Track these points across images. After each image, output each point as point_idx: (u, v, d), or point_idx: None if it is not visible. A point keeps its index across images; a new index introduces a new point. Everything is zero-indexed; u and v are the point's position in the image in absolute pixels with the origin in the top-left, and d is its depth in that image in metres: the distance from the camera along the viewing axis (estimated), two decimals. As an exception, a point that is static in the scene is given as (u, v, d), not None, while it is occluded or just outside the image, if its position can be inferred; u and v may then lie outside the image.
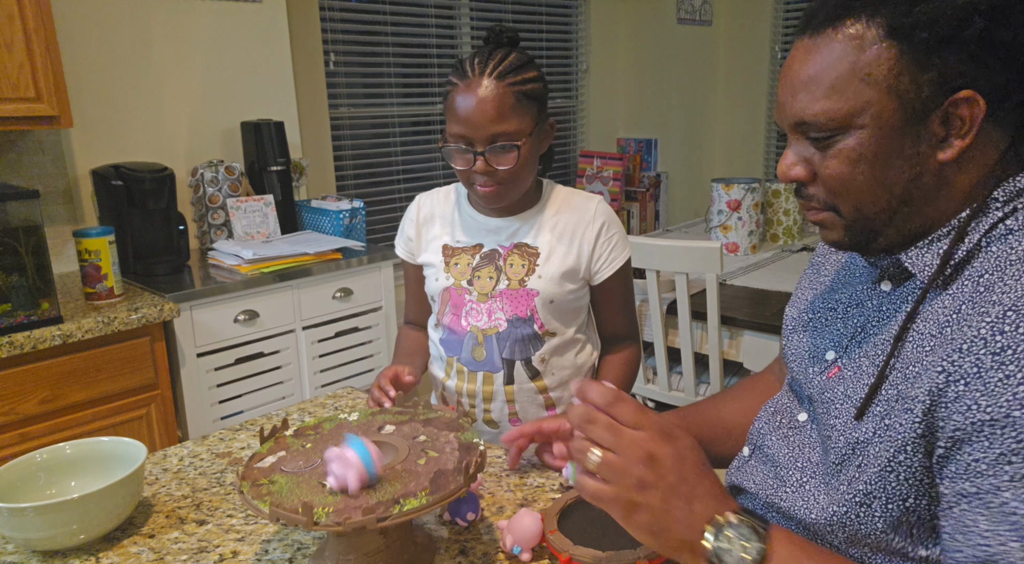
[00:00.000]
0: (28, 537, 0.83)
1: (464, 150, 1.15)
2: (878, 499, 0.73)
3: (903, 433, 0.70)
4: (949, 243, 0.72)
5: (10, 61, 1.76)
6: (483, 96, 1.11)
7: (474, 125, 1.12)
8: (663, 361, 2.08)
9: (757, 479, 0.90)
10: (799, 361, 0.90)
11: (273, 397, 2.13)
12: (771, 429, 0.91)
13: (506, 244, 1.26)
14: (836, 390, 0.80)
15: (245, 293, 2.01)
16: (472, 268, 1.26)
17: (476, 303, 1.26)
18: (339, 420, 0.91)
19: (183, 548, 0.86)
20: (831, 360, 0.84)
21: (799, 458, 0.84)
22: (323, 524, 0.69)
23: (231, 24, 2.41)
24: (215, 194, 2.32)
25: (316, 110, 2.79)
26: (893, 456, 0.71)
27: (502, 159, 1.14)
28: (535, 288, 1.23)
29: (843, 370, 0.80)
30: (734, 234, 2.54)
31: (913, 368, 0.71)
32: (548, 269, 1.24)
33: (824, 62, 0.72)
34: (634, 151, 4.06)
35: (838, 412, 0.78)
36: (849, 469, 0.75)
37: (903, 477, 0.71)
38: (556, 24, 3.76)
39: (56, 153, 2.11)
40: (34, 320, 1.64)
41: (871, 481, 0.73)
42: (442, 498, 0.72)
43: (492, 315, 1.25)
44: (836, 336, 0.85)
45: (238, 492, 0.75)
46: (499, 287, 1.24)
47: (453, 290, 1.27)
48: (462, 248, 1.28)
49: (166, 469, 1.06)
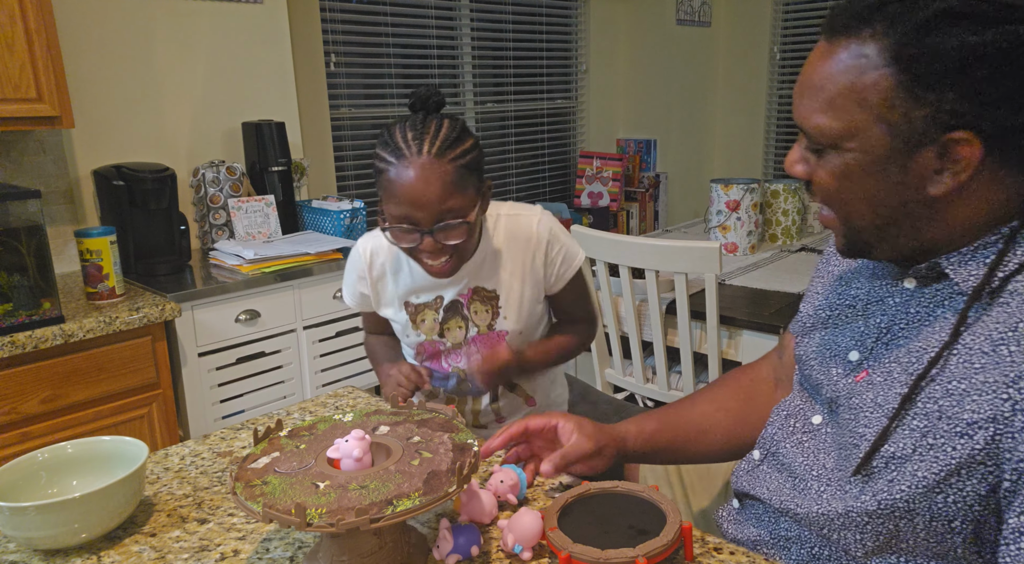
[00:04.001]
0: (30, 536, 0.83)
1: (409, 230, 1.09)
2: (922, 516, 0.71)
3: (958, 457, 0.67)
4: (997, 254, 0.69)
5: (11, 61, 1.76)
6: (425, 176, 1.05)
7: (419, 206, 1.06)
8: (662, 361, 2.08)
9: (772, 486, 0.88)
10: (819, 360, 0.87)
11: (274, 396, 2.13)
12: (785, 435, 0.89)
13: (465, 292, 1.26)
14: (865, 396, 0.77)
15: (246, 293, 2.02)
16: (439, 322, 1.28)
17: (452, 350, 1.30)
18: (333, 421, 0.92)
19: (184, 547, 0.87)
20: (856, 361, 0.81)
21: (815, 465, 0.83)
22: (316, 525, 0.69)
23: (232, 25, 2.42)
24: (216, 194, 2.33)
25: (317, 110, 2.79)
26: (944, 479, 0.68)
27: (451, 235, 1.09)
28: (503, 329, 1.27)
29: (872, 374, 0.77)
30: (733, 234, 2.54)
31: (959, 384, 0.68)
32: (510, 309, 1.26)
33: (830, 72, 0.71)
34: (633, 151, 4.06)
35: (868, 421, 0.75)
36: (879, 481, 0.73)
37: (952, 499, 0.69)
38: (556, 24, 3.77)
39: (57, 153, 2.12)
40: (36, 320, 1.65)
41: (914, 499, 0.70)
42: (436, 499, 0.72)
43: (471, 357, 1.29)
44: (858, 335, 0.82)
45: (231, 493, 0.76)
46: (470, 334, 1.28)
47: (427, 344, 1.31)
48: (424, 304, 1.28)
49: (167, 468, 1.07)
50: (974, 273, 0.71)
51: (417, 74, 3.20)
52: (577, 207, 3.85)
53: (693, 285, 2.10)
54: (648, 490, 0.86)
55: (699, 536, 0.85)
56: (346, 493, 0.73)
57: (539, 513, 0.83)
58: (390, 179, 1.08)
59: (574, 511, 0.85)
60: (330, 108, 2.85)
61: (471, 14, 3.36)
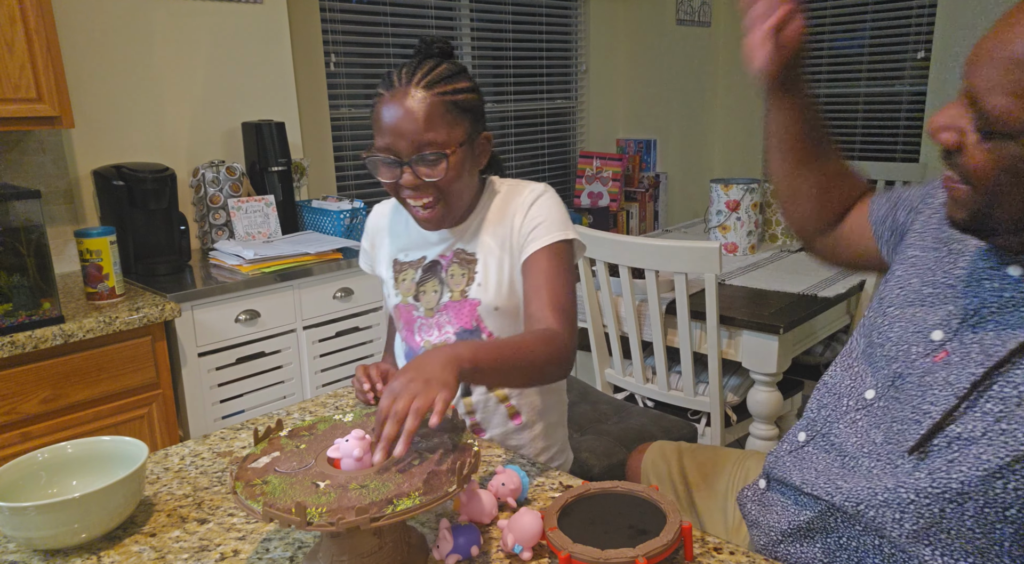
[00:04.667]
0: (30, 536, 0.84)
1: (390, 162, 1.09)
2: (975, 501, 0.69)
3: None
4: None
5: (11, 62, 1.76)
6: (409, 105, 1.05)
7: (399, 134, 1.06)
8: (662, 361, 2.08)
9: (819, 467, 0.86)
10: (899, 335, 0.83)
11: (274, 396, 2.13)
12: (838, 415, 0.86)
13: (447, 254, 1.21)
14: (938, 375, 0.74)
15: (246, 293, 2.02)
16: (416, 283, 1.22)
17: (424, 318, 1.21)
18: (334, 421, 0.92)
19: (184, 547, 0.87)
20: (938, 341, 0.78)
21: (865, 443, 0.80)
22: (316, 524, 0.69)
23: (232, 25, 2.42)
24: (216, 194, 2.33)
25: (317, 110, 2.79)
26: (1009, 464, 0.66)
27: (429, 170, 1.07)
28: (476, 297, 1.17)
29: (951, 355, 0.75)
30: (733, 234, 2.54)
31: None
32: (487, 275, 1.17)
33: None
34: (633, 151, 4.07)
35: (935, 399, 0.73)
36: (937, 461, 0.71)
37: (1012, 485, 0.67)
38: (556, 24, 3.77)
39: (57, 153, 2.12)
40: (35, 320, 1.65)
41: (971, 482, 0.68)
42: (436, 499, 0.72)
43: (441, 329, 1.20)
44: (945, 315, 0.78)
45: (231, 492, 0.76)
46: (443, 300, 1.19)
47: (402, 307, 1.24)
48: (409, 263, 1.24)
49: (167, 468, 1.07)
50: None
51: (417, 74, 3.20)
52: (577, 207, 3.85)
53: (693, 285, 2.10)
54: (648, 490, 0.86)
55: (699, 536, 0.85)
56: (346, 493, 0.74)
57: (539, 513, 0.83)
58: (378, 110, 1.09)
59: (574, 511, 0.85)
60: (330, 108, 2.85)
61: (471, 14, 3.36)
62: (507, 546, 0.82)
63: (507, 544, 0.82)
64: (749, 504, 0.98)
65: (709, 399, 2.04)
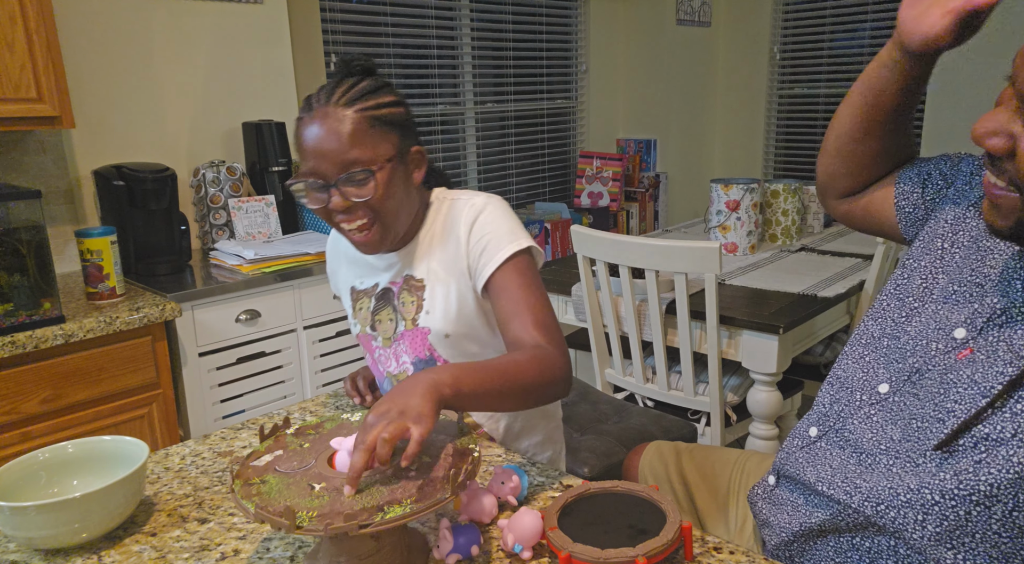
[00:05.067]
0: (30, 536, 0.84)
1: (317, 186, 1.03)
2: (1003, 504, 0.68)
3: None
4: None
5: (12, 62, 1.76)
6: (330, 125, 1.01)
7: (323, 156, 1.01)
8: (662, 361, 2.08)
9: (834, 463, 0.85)
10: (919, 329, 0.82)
11: (274, 396, 2.13)
12: (852, 410, 0.85)
13: (397, 280, 1.16)
14: (962, 372, 0.73)
15: (246, 293, 2.02)
16: (371, 312, 1.19)
17: (383, 349, 1.18)
18: (341, 420, 0.92)
19: (185, 546, 0.87)
20: (960, 339, 0.77)
21: (882, 439, 0.79)
22: (306, 528, 0.69)
23: (232, 25, 2.42)
24: (216, 194, 2.33)
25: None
26: None
27: (358, 190, 1.02)
28: (425, 325, 1.12)
29: (975, 353, 0.73)
30: (733, 234, 2.54)
31: None
32: (434, 302, 1.12)
33: None
34: (633, 151, 4.07)
35: (959, 397, 0.72)
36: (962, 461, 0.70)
37: None
38: (556, 24, 3.77)
39: (58, 153, 2.12)
40: (36, 320, 1.65)
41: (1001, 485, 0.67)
42: (427, 507, 0.72)
43: (399, 359, 1.17)
44: (970, 313, 0.77)
45: (230, 490, 0.76)
46: (399, 329, 1.15)
47: (362, 337, 1.22)
48: (364, 291, 1.21)
49: (168, 468, 1.07)
50: None
51: (417, 74, 3.21)
52: (577, 207, 3.85)
53: (693, 285, 2.10)
54: (648, 490, 0.86)
55: (699, 536, 0.85)
56: (339, 496, 0.73)
57: (539, 513, 0.83)
58: (299, 134, 1.04)
59: (574, 511, 0.85)
60: (330, 108, 2.85)
61: (471, 14, 3.36)
62: (507, 546, 0.82)
63: (507, 544, 0.82)
64: (760, 502, 0.97)
65: (709, 399, 2.05)
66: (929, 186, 0.96)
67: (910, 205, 0.97)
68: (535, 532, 0.81)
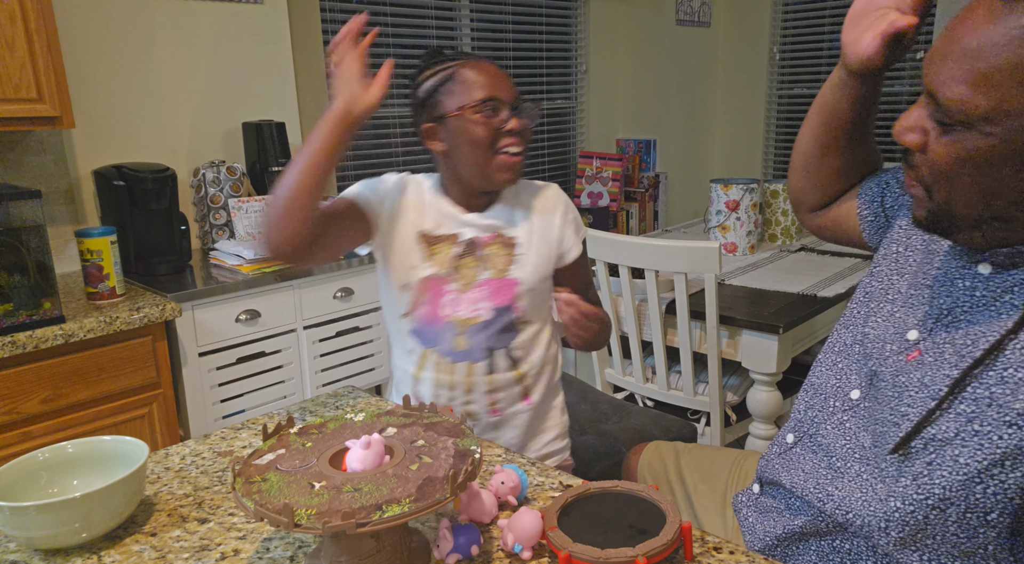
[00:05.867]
0: (30, 536, 0.84)
1: (499, 107, 1.17)
2: (956, 507, 0.69)
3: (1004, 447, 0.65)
4: None
5: (12, 62, 1.76)
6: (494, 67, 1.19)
7: (503, 86, 1.17)
8: (662, 360, 2.08)
9: (807, 468, 0.86)
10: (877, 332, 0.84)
11: (274, 396, 2.13)
12: (825, 416, 0.87)
13: (484, 235, 1.25)
14: (912, 375, 0.74)
15: (246, 293, 2.02)
16: (452, 257, 1.23)
17: (457, 293, 1.23)
18: (344, 420, 0.92)
19: (185, 546, 0.87)
20: (912, 341, 0.78)
21: (855, 446, 0.80)
22: (304, 526, 0.69)
23: (232, 25, 2.42)
24: (217, 194, 2.33)
25: (317, 111, 2.79)
26: (987, 468, 0.66)
27: (531, 114, 1.20)
28: (517, 277, 1.24)
29: (924, 355, 0.75)
30: (732, 234, 2.54)
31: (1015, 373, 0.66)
32: (528, 258, 1.25)
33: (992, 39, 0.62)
34: (633, 151, 4.07)
35: (911, 400, 0.73)
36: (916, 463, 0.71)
37: (991, 490, 0.67)
38: (556, 24, 3.77)
39: (58, 153, 2.12)
40: (36, 320, 1.65)
41: (952, 487, 0.68)
42: (426, 506, 0.72)
43: (475, 304, 1.23)
44: (921, 315, 0.79)
45: (231, 487, 0.76)
46: (482, 276, 1.23)
47: (433, 279, 1.23)
48: (441, 237, 1.25)
49: (168, 468, 1.07)
50: None
51: (417, 74, 3.21)
52: (577, 207, 3.85)
53: (693, 285, 2.10)
54: (648, 490, 0.86)
55: (699, 536, 0.85)
56: (339, 495, 0.73)
57: (539, 513, 0.83)
58: (466, 72, 1.18)
59: (574, 511, 0.85)
60: (330, 108, 2.85)
61: (471, 14, 3.36)
62: (507, 545, 0.82)
63: (507, 544, 0.82)
64: (744, 509, 0.98)
65: (709, 399, 2.05)
66: (888, 195, 0.98)
67: (871, 214, 0.99)
68: (535, 532, 0.81)
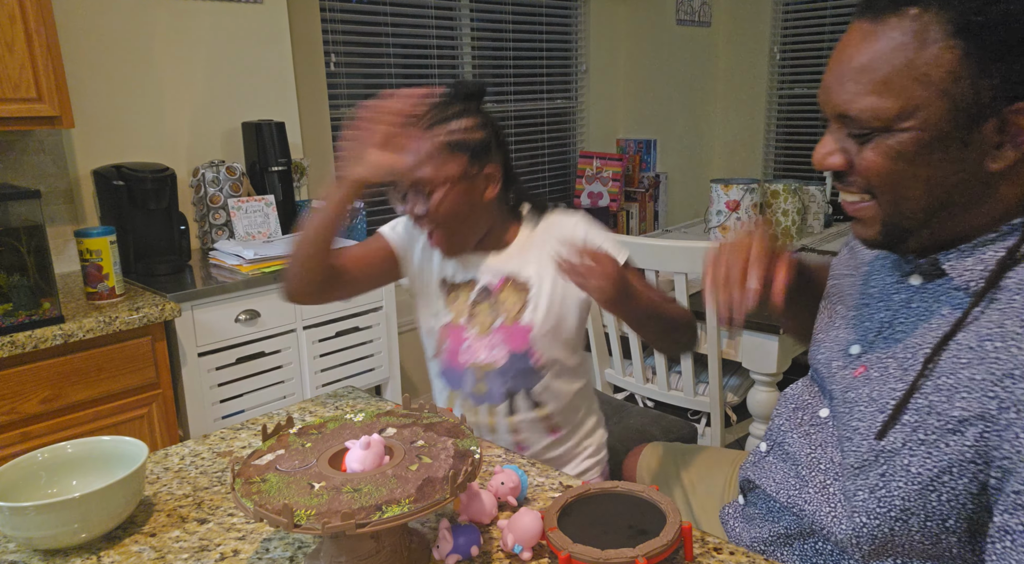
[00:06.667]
0: (30, 536, 0.83)
1: (398, 195, 1.22)
2: (916, 516, 0.70)
3: (950, 454, 0.67)
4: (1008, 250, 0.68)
5: (11, 61, 1.76)
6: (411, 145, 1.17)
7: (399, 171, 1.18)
8: (662, 361, 2.08)
9: (777, 477, 0.88)
10: (826, 353, 0.87)
11: (274, 396, 2.13)
12: (792, 426, 0.89)
13: (496, 281, 1.27)
14: (861, 391, 0.77)
15: (246, 293, 2.02)
16: (469, 304, 1.28)
17: (475, 339, 1.27)
18: (344, 420, 0.92)
19: (184, 547, 0.87)
20: (855, 355, 0.81)
21: (821, 458, 0.82)
22: (304, 527, 0.69)
23: (232, 25, 2.41)
24: (216, 194, 2.33)
25: (317, 110, 2.79)
26: (937, 476, 0.68)
27: (419, 204, 1.19)
28: (529, 322, 1.24)
29: (869, 369, 0.78)
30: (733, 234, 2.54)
31: (947, 380, 0.68)
32: (541, 301, 1.24)
33: (879, 52, 0.68)
34: (633, 152, 4.07)
35: (861, 415, 0.75)
36: (871, 476, 0.73)
37: (945, 498, 0.68)
38: (556, 24, 3.77)
39: (57, 153, 2.12)
40: (35, 320, 1.65)
41: (909, 497, 0.70)
42: (426, 507, 0.72)
43: (491, 350, 1.26)
44: (863, 330, 0.82)
45: (230, 487, 0.76)
46: (497, 323, 1.26)
47: (452, 327, 1.29)
48: (460, 284, 1.30)
49: (167, 468, 1.07)
50: (969, 269, 0.71)
51: (417, 74, 3.20)
52: (577, 207, 3.85)
53: (693, 285, 2.10)
54: (648, 490, 0.86)
55: (699, 536, 0.85)
56: (339, 495, 0.73)
57: (539, 513, 0.83)
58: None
59: (574, 511, 0.85)
60: (330, 108, 2.85)
61: (471, 14, 3.36)
62: (507, 546, 0.82)
63: (507, 544, 0.82)
64: (732, 521, 0.98)
65: (709, 399, 2.04)
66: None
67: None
68: (535, 532, 0.81)
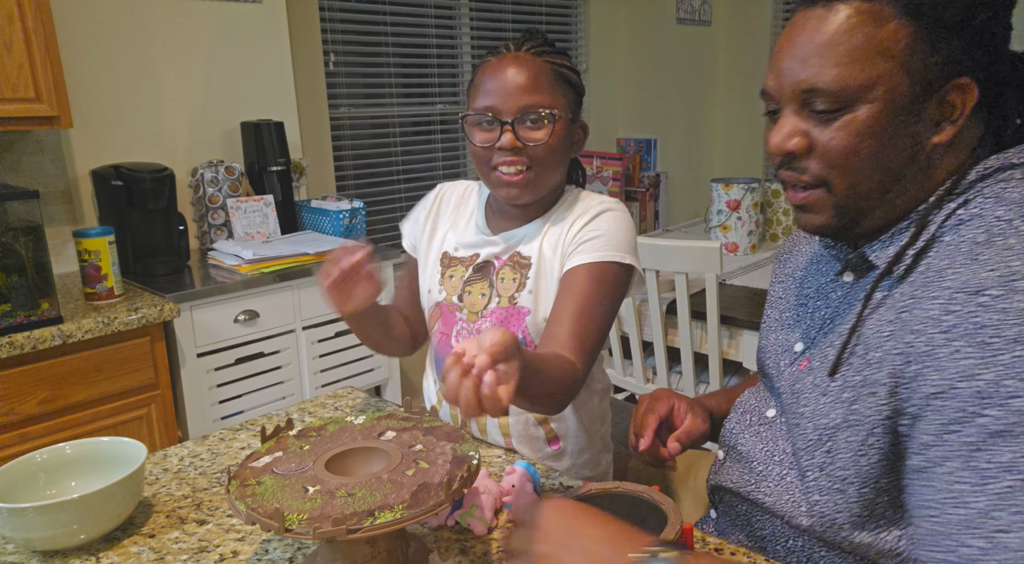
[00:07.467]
0: (28, 537, 0.83)
1: (490, 121, 1.04)
2: (853, 484, 0.75)
3: (871, 416, 0.72)
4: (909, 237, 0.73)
5: (10, 61, 1.76)
6: (517, 67, 1.03)
7: (504, 94, 1.02)
8: (663, 361, 2.08)
9: (735, 478, 0.91)
10: (772, 355, 0.93)
11: (273, 397, 2.13)
12: (742, 428, 0.93)
13: (502, 256, 1.13)
14: (806, 381, 0.82)
15: (245, 293, 2.01)
16: (464, 282, 1.14)
17: (466, 323, 1.13)
18: (344, 423, 0.91)
19: (183, 548, 0.87)
20: (799, 352, 0.86)
21: (775, 451, 0.86)
22: (295, 531, 0.68)
23: (231, 24, 2.41)
24: (215, 194, 2.32)
25: (316, 110, 2.79)
26: (864, 439, 0.73)
27: (530, 132, 1.03)
28: (525, 305, 1.08)
29: (812, 361, 0.83)
30: (733, 234, 2.54)
31: (875, 354, 0.73)
32: (540, 282, 1.08)
33: (839, 30, 0.71)
34: (634, 151, 4.06)
35: (807, 401, 0.80)
36: (818, 454, 0.77)
37: (874, 459, 0.73)
38: (556, 24, 3.76)
39: (56, 153, 2.11)
40: (34, 320, 1.64)
41: (846, 466, 0.75)
42: (419, 513, 0.71)
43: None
44: (805, 329, 0.88)
45: (225, 490, 0.75)
46: (490, 306, 1.11)
47: (444, 305, 1.15)
48: (459, 259, 1.17)
49: (166, 469, 1.06)
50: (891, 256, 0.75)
51: (417, 74, 3.20)
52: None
53: (693, 285, 2.10)
54: (649, 491, 0.85)
55: (699, 536, 0.85)
56: (332, 500, 0.73)
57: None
58: (481, 73, 1.07)
59: (575, 512, 0.84)
60: (329, 108, 2.85)
61: (471, 14, 3.35)
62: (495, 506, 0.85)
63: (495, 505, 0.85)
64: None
65: (709, 399, 2.04)
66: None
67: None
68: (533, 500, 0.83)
